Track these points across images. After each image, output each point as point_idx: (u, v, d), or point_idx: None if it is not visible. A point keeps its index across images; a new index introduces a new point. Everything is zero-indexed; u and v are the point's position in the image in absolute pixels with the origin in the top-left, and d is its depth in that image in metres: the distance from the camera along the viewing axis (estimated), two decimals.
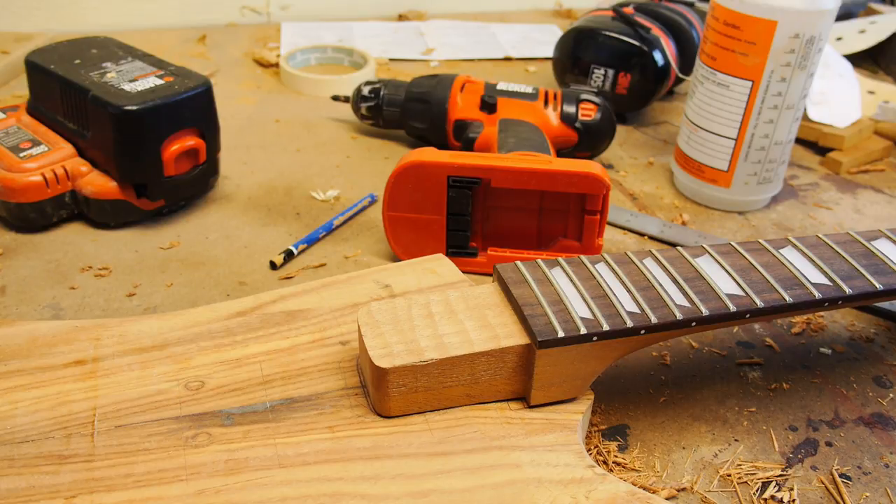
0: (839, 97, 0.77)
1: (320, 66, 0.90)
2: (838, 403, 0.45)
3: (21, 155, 0.56)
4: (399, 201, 0.52)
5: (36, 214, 0.56)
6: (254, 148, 0.71)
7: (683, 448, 0.41)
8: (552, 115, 0.67)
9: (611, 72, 0.75)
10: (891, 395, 0.46)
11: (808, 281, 0.40)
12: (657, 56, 0.74)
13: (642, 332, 0.37)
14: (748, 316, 0.38)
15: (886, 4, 1.06)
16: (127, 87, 0.55)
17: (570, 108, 0.67)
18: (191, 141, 0.57)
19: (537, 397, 0.37)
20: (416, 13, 1.09)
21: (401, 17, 1.08)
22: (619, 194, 0.67)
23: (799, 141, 0.76)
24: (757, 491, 0.39)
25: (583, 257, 0.41)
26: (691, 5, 0.84)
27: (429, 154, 0.51)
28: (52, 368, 0.38)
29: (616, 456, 0.40)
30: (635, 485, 0.37)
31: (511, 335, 0.36)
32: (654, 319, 0.37)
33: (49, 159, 0.56)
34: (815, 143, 0.75)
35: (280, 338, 0.41)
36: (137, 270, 0.53)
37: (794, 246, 0.43)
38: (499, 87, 0.68)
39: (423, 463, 0.34)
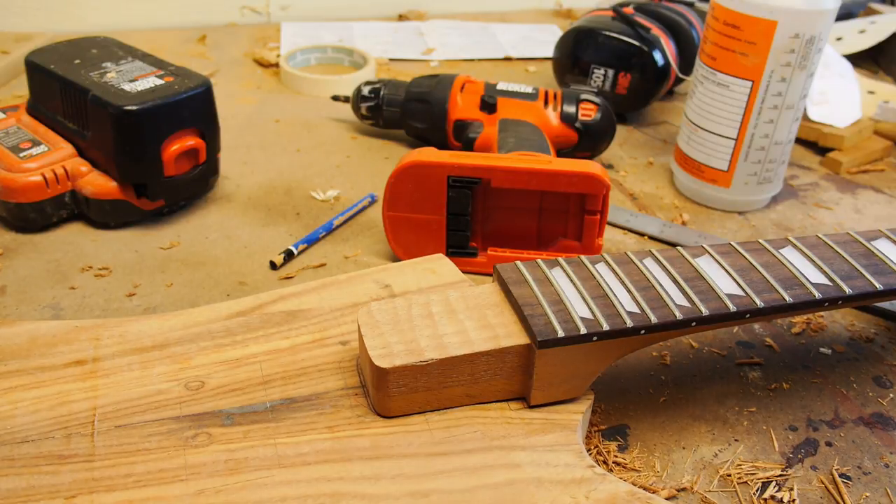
0: (839, 97, 0.77)
1: (320, 66, 0.90)
2: (838, 403, 0.45)
3: (21, 155, 0.56)
4: (399, 201, 0.52)
5: (36, 214, 0.56)
6: (254, 148, 0.71)
7: (683, 448, 0.41)
8: (552, 115, 0.67)
9: (611, 72, 0.75)
10: (891, 395, 0.46)
11: (808, 281, 0.40)
12: (657, 56, 0.74)
13: (642, 332, 0.37)
14: (748, 316, 0.38)
15: (886, 4, 1.06)
16: (127, 87, 0.55)
17: (570, 108, 0.67)
18: (191, 141, 0.57)
19: (537, 397, 0.37)
20: (416, 13, 1.09)
21: (401, 17, 1.08)
22: (619, 194, 0.67)
23: (799, 141, 0.76)
24: (757, 491, 0.39)
25: (583, 257, 0.41)
26: (691, 5, 0.84)
27: (429, 154, 0.51)
28: (52, 368, 0.38)
29: (616, 456, 0.40)
30: (635, 485, 0.37)
31: (511, 335, 0.36)
32: (654, 319, 0.37)
33: (49, 159, 0.56)
34: (815, 143, 0.75)
35: (280, 338, 0.41)
36: (137, 270, 0.53)
37: (794, 246, 0.43)
38: (499, 87, 0.68)
39: (423, 463, 0.34)
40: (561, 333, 0.35)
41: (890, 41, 0.94)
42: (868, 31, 0.94)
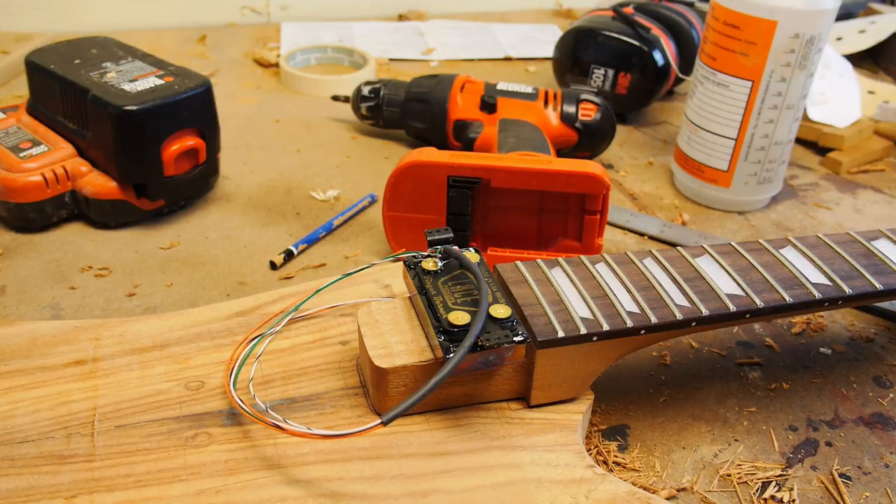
0: (839, 97, 0.77)
1: (320, 66, 0.90)
2: (838, 403, 0.45)
3: (21, 155, 0.56)
4: (399, 201, 0.52)
5: (36, 214, 0.56)
6: (254, 148, 0.71)
7: (683, 448, 0.41)
8: (552, 115, 0.67)
9: (611, 72, 0.75)
10: (891, 395, 0.46)
11: (808, 281, 0.40)
12: (657, 56, 0.74)
13: (642, 332, 0.37)
14: (748, 316, 0.38)
15: (886, 4, 1.06)
16: (127, 87, 0.55)
17: (570, 108, 0.67)
18: (191, 141, 0.57)
19: (537, 397, 0.37)
20: (416, 13, 1.09)
21: (401, 17, 1.08)
22: (619, 194, 0.67)
23: (799, 141, 0.76)
24: (757, 491, 0.39)
25: (583, 257, 0.41)
26: (691, 5, 0.84)
27: (429, 154, 0.51)
28: (52, 368, 0.38)
29: (616, 456, 0.40)
30: (635, 485, 0.37)
31: None
32: (654, 319, 0.37)
33: (49, 159, 0.56)
34: (815, 143, 0.75)
35: (280, 338, 0.41)
36: (137, 270, 0.53)
37: (794, 246, 0.43)
38: (499, 87, 0.68)
39: (423, 463, 0.34)
40: (561, 333, 0.35)
41: (890, 41, 0.94)
42: (868, 31, 0.94)
